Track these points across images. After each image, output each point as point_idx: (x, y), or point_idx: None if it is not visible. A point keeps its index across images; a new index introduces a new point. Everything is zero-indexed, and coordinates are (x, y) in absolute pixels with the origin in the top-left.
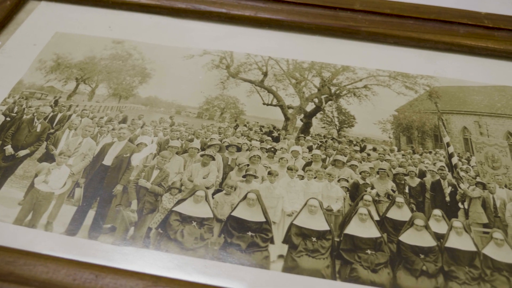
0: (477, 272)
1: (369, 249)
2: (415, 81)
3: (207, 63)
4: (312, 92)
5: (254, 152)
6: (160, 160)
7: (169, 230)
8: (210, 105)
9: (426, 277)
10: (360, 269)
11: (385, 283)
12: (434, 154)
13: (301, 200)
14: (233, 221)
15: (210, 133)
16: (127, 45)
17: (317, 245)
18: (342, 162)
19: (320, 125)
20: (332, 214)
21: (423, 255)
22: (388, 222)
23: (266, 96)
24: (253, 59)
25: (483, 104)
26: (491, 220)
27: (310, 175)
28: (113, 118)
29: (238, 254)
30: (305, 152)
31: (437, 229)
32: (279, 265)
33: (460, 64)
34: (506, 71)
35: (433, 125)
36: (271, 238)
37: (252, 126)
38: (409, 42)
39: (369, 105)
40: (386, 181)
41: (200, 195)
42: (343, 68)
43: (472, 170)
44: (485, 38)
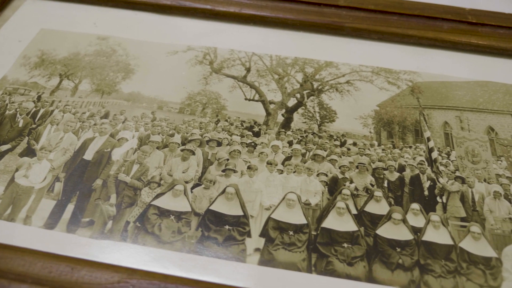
0: (453, 266)
1: (345, 243)
2: (398, 77)
3: (190, 59)
4: (294, 88)
5: (234, 147)
6: (141, 155)
7: (147, 223)
8: (192, 101)
9: (401, 270)
10: (336, 262)
11: (360, 276)
12: (414, 148)
13: (280, 194)
14: (211, 215)
15: (191, 128)
16: (111, 41)
17: (294, 238)
18: (322, 156)
19: (301, 120)
20: (310, 208)
21: (400, 248)
22: (365, 216)
23: (249, 91)
24: (236, 55)
25: (465, 99)
26: (469, 214)
27: (289, 170)
28: (95, 113)
29: (215, 248)
30: (285, 146)
31: (415, 222)
32: (255, 258)
33: (444, 60)
34: (489, 67)
35: (414, 120)
36: (248, 231)
37: (233, 121)
38: (393, 38)
39: (351, 100)
40: (365, 176)
41: (179, 189)
42: (326, 64)
43: (451, 164)
44: (469, 33)
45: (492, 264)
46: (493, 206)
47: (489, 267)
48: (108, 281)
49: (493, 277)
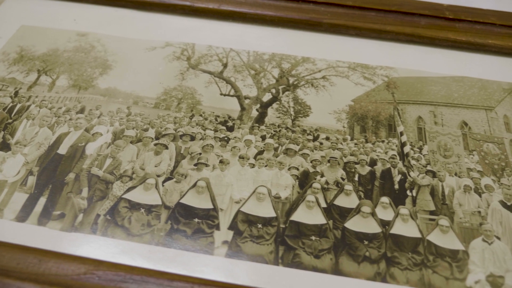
0: (420, 258)
1: (313, 236)
2: (374, 72)
3: (168, 55)
4: (270, 83)
5: (207, 141)
6: (114, 149)
7: (117, 216)
8: (168, 96)
9: (368, 263)
10: (303, 255)
11: (326, 269)
12: (387, 143)
13: (250, 188)
14: (181, 208)
15: (165, 123)
16: (91, 37)
17: (262, 231)
18: (294, 151)
19: (275, 115)
20: (280, 201)
21: (367, 241)
22: (335, 209)
23: (224, 86)
24: (214, 50)
25: (440, 94)
26: (438, 207)
27: (261, 164)
28: (71, 109)
29: (183, 240)
30: (258, 141)
31: (384, 216)
32: (222, 251)
33: (421, 55)
34: (466, 62)
35: (388, 115)
36: (217, 224)
37: (207, 116)
38: (371, 33)
39: (326, 96)
40: (336, 169)
41: (151, 182)
42: (303, 60)
43: (423, 158)
44: (446, 29)
45: (459, 257)
46: (462, 199)
47: (455, 260)
48: (75, 272)
49: (459, 270)
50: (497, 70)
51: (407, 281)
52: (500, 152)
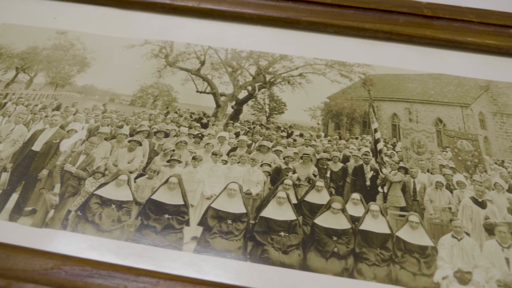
0: (388, 254)
1: (282, 231)
2: (351, 69)
3: (146, 53)
4: (246, 80)
5: (181, 138)
6: (88, 146)
7: (88, 212)
8: (144, 93)
9: (336, 259)
10: (271, 251)
11: (294, 264)
12: (361, 140)
13: (222, 184)
14: (151, 204)
15: (140, 120)
16: (70, 35)
17: (232, 227)
18: (267, 147)
19: (250, 112)
20: (250, 197)
21: (336, 237)
22: (305, 205)
23: (201, 84)
24: (192, 48)
25: (416, 92)
26: (409, 204)
27: (233, 160)
28: (47, 106)
29: (153, 236)
30: (232, 138)
31: (354, 212)
32: (191, 246)
33: (399, 53)
34: (443, 59)
35: (363, 112)
36: (187, 220)
37: (182, 113)
38: (349, 31)
39: (302, 93)
40: (308, 166)
41: (123, 179)
42: (281, 57)
43: (396, 155)
44: (424, 27)
45: (428, 253)
46: (434, 196)
47: (424, 256)
48: (42, 267)
49: (427, 266)
50: (474, 68)
51: (374, 277)
52: (473, 149)
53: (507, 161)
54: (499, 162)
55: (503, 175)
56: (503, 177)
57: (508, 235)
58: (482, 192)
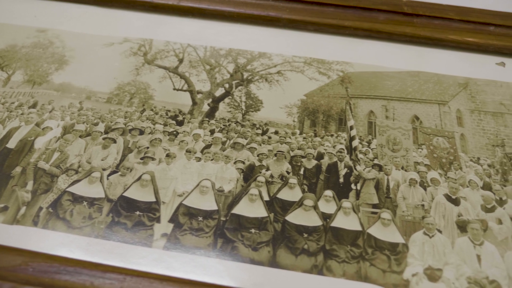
0: (359, 251)
1: (253, 228)
2: (329, 67)
3: (125, 51)
4: (224, 78)
5: (155, 135)
6: (63, 143)
7: (59, 209)
8: (121, 91)
9: (306, 255)
10: (241, 247)
11: (263, 261)
12: (336, 137)
13: (195, 181)
14: (123, 201)
15: (116, 117)
16: (50, 33)
17: (203, 224)
18: (241, 145)
19: (226, 109)
20: (223, 194)
21: (307, 234)
22: (277, 202)
23: (178, 81)
24: (171, 46)
25: (394, 89)
26: (382, 201)
27: (207, 157)
28: (24, 103)
29: (123, 233)
30: (206, 135)
31: (326, 209)
32: (161, 243)
33: (378, 51)
34: (423, 57)
35: (340, 109)
36: (158, 217)
37: (158, 111)
38: (329, 29)
39: (279, 90)
40: (282, 163)
41: (96, 176)
42: (259, 55)
43: (371, 152)
44: (404, 24)
45: (398, 250)
46: (407, 193)
47: (394, 253)
48: (10, 264)
49: (398, 263)
50: (454, 65)
51: (343, 274)
52: (449, 146)
53: (483, 158)
54: (474, 159)
55: (478, 172)
56: (478, 174)
57: (481, 232)
58: (456, 189)
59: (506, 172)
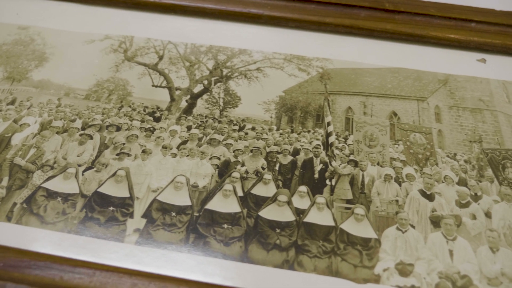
0: (331, 246)
1: (226, 224)
2: (309, 64)
3: (105, 48)
4: (203, 74)
5: (132, 132)
6: (40, 139)
7: (33, 205)
8: (100, 87)
9: (277, 250)
10: (213, 242)
11: (235, 256)
12: (313, 133)
13: (169, 177)
14: (97, 197)
15: (93, 114)
16: (31, 31)
17: (175, 219)
18: (218, 141)
19: (204, 106)
20: (197, 190)
21: (280, 229)
22: (251, 198)
23: (157, 78)
24: (152, 43)
25: (373, 85)
26: (356, 196)
27: (183, 153)
28: (2, 100)
29: (96, 228)
30: (183, 131)
31: (300, 204)
32: (133, 238)
33: (359, 47)
34: (403, 53)
35: (318, 105)
36: (131, 213)
37: (136, 107)
38: (310, 26)
39: (258, 87)
40: (258, 159)
41: (71, 172)
42: (240, 51)
43: (347, 148)
44: (385, 21)
45: (370, 245)
46: (381, 188)
47: (366, 248)
48: None
49: (369, 258)
50: (434, 62)
51: (314, 269)
52: (426, 142)
53: (460, 154)
54: (451, 155)
55: (454, 168)
56: (454, 170)
57: (454, 227)
58: (431, 185)
59: (482, 168)
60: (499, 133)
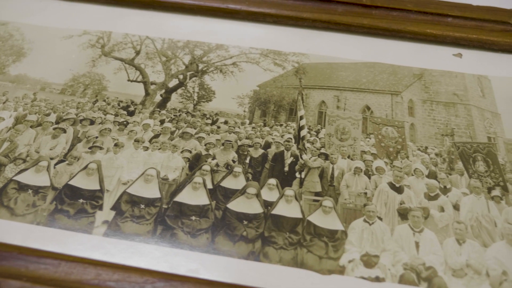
0: (297, 238)
1: (194, 216)
2: (285, 58)
3: (83, 43)
4: (179, 69)
5: (105, 125)
6: (13, 133)
7: (4, 197)
8: (76, 82)
9: (244, 242)
10: (180, 234)
11: (201, 247)
12: (285, 126)
13: (140, 170)
14: (68, 189)
15: (68, 108)
16: (11, 26)
17: (144, 211)
18: (190, 134)
19: (178, 100)
20: (167, 183)
21: (247, 221)
22: (220, 191)
23: (133, 73)
24: (130, 38)
25: (348, 80)
26: (325, 189)
27: (154, 147)
28: None
29: (65, 220)
30: (156, 125)
31: (269, 197)
32: (101, 230)
33: (336, 42)
34: (380, 48)
35: (291, 99)
36: (101, 205)
37: (110, 101)
38: (288, 21)
39: (233, 81)
40: (229, 152)
41: (43, 165)
42: (217, 47)
43: (318, 141)
44: (362, 16)
45: (337, 237)
46: (351, 181)
47: (333, 240)
48: None
49: (335, 249)
50: (410, 56)
51: (279, 260)
52: (398, 136)
53: (431, 147)
54: (422, 148)
55: (424, 161)
56: (424, 163)
57: (421, 219)
58: (400, 178)
59: (453, 161)
60: (472, 126)
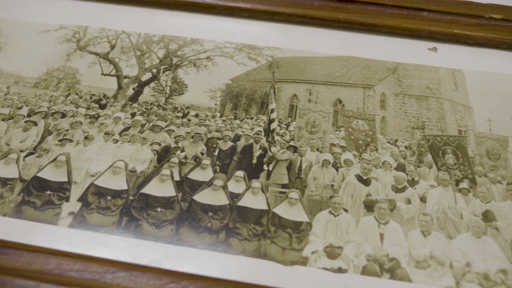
0: (261, 229)
1: (159, 207)
2: (260, 52)
3: (59, 37)
4: (153, 63)
5: (76, 118)
6: None
7: None
8: (49, 76)
9: (207, 233)
10: (145, 225)
11: (165, 238)
12: (255, 119)
13: (109, 162)
14: (36, 181)
15: (40, 101)
16: None
17: (110, 203)
18: (160, 127)
19: (150, 93)
20: (134, 175)
21: (212, 213)
22: (187, 183)
23: (107, 67)
24: (106, 33)
25: (321, 73)
26: (292, 181)
27: (124, 139)
28: None
29: (31, 211)
30: (127, 118)
31: (235, 189)
32: (67, 221)
33: (311, 36)
34: (355, 42)
35: (263, 93)
36: (68, 196)
37: (83, 95)
38: (263, 15)
39: (206, 75)
40: (198, 145)
41: (12, 157)
42: (192, 41)
43: (288, 134)
44: (338, 10)
45: (301, 228)
46: (318, 173)
47: (297, 231)
48: None
49: (299, 240)
50: (385, 50)
51: (243, 251)
52: (368, 129)
53: (401, 140)
54: (392, 141)
55: (394, 154)
56: (393, 155)
57: (387, 211)
58: (368, 170)
59: (422, 154)
60: (443, 119)
